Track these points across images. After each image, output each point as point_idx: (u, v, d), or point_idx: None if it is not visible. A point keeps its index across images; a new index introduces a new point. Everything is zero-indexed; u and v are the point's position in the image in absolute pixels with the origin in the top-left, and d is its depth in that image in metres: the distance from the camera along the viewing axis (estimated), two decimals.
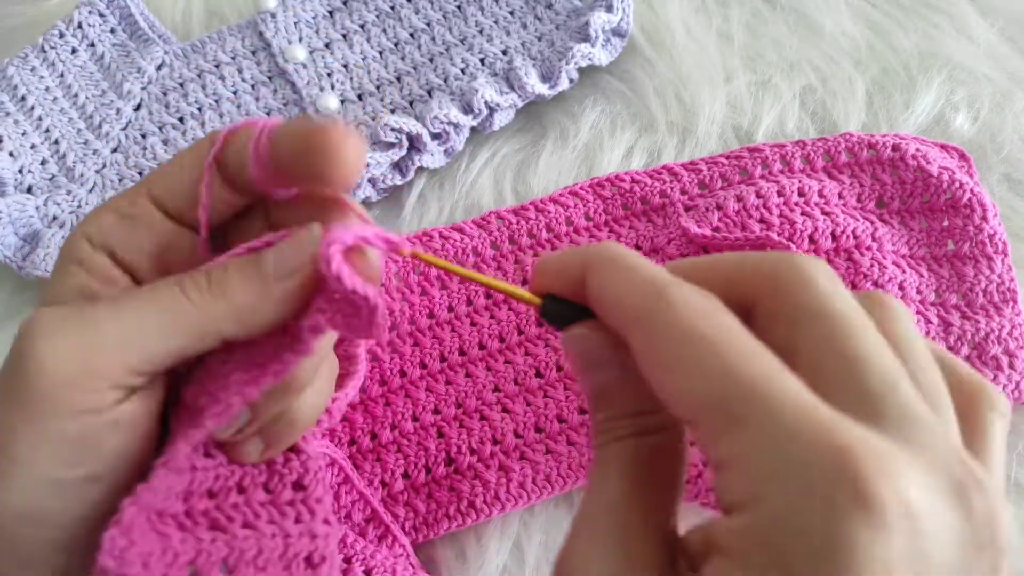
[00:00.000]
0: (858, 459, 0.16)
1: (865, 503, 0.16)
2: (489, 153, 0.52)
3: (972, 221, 0.44)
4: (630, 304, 0.21)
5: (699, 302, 0.20)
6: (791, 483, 0.17)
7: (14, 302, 0.49)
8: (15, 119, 0.52)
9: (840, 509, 0.16)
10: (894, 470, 0.17)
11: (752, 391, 0.18)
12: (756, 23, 0.55)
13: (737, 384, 0.18)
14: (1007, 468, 0.40)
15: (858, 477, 0.16)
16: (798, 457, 0.17)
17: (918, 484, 0.17)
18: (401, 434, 0.42)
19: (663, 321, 0.20)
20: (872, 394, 0.18)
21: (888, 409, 0.18)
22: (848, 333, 0.19)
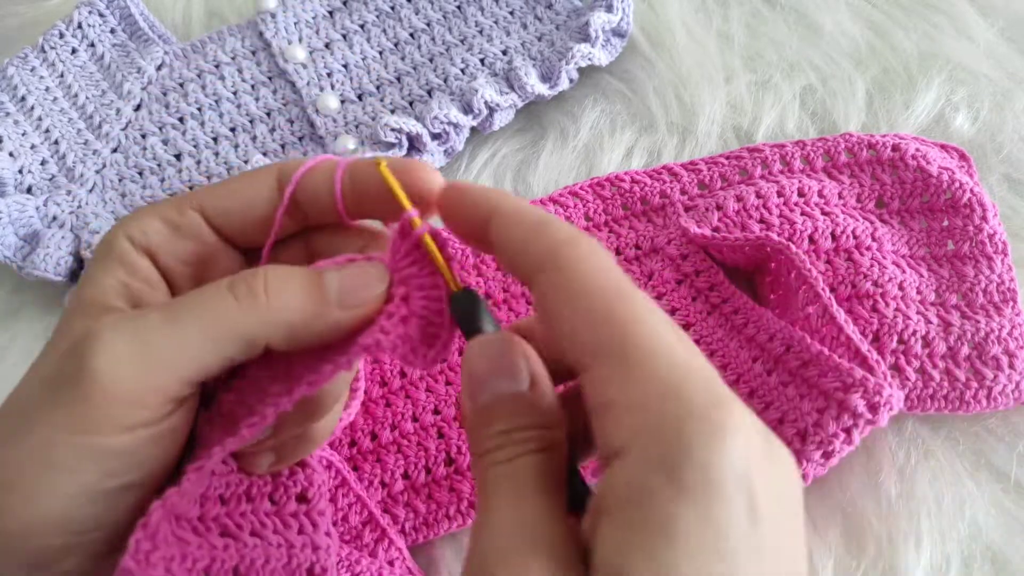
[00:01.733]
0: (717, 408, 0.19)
1: (713, 421, 0.19)
2: (489, 153, 0.52)
3: (972, 221, 0.44)
4: (536, 253, 0.22)
5: (601, 254, 0.22)
6: (659, 419, 0.19)
7: (14, 302, 0.49)
8: (15, 119, 0.52)
9: (692, 424, 0.19)
10: (741, 420, 0.19)
11: (644, 340, 0.20)
12: (756, 23, 0.55)
13: (632, 331, 0.20)
14: (1008, 468, 0.40)
15: (712, 406, 0.19)
16: (662, 394, 0.19)
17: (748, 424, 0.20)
18: (401, 434, 0.42)
19: (569, 270, 0.21)
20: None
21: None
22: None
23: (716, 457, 0.18)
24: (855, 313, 0.41)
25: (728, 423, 0.19)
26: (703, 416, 0.19)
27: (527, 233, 0.22)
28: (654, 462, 0.18)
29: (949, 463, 0.40)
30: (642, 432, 0.19)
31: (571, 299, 0.21)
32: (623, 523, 0.19)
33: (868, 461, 0.40)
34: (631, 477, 0.19)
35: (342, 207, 0.26)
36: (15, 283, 0.50)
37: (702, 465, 0.18)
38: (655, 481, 0.18)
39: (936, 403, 0.40)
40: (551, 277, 0.21)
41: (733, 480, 0.18)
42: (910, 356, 0.41)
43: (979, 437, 0.41)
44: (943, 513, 0.39)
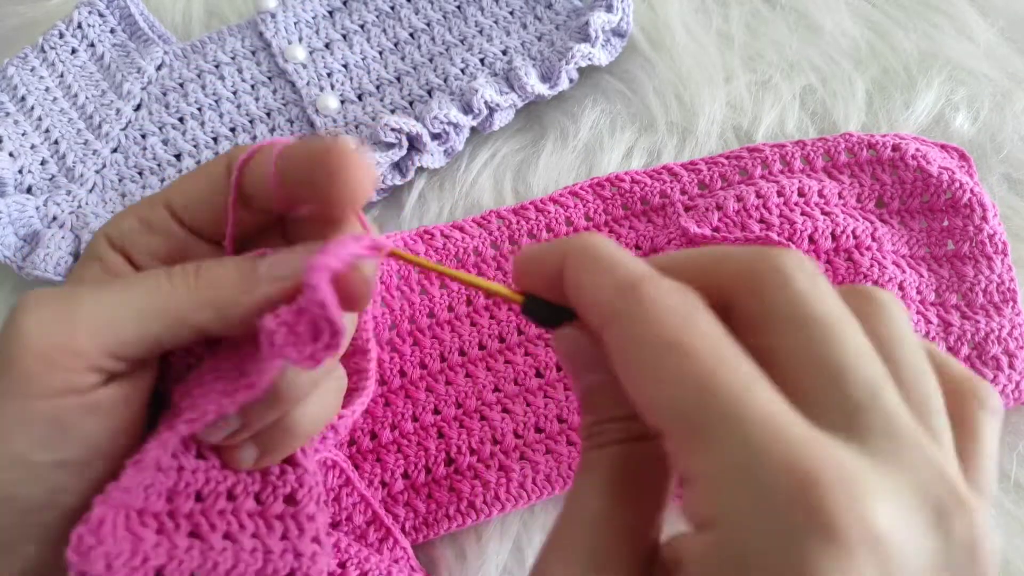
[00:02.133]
0: (821, 483, 0.16)
1: (826, 530, 0.15)
2: (489, 153, 0.52)
3: (972, 221, 0.44)
4: (603, 301, 0.19)
5: (675, 300, 0.19)
6: (755, 506, 0.16)
7: (14, 302, 0.49)
8: (15, 119, 0.51)
9: (801, 536, 0.16)
10: (860, 493, 0.16)
11: (724, 404, 0.17)
12: (756, 23, 0.55)
13: (708, 395, 0.17)
14: (1008, 468, 0.40)
15: (820, 502, 0.16)
16: (763, 479, 0.16)
17: (889, 507, 0.16)
18: (401, 434, 0.42)
19: (636, 321, 0.18)
20: (852, 406, 0.17)
21: (869, 422, 0.17)
22: (828, 339, 0.18)
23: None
24: None
25: (852, 530, 0.15)
26: (816, 520, 0.16)
27: (595, 275, 0.20)
28: (754, 557, 0.16)
29: None
30: (733, 518, 0.17)
31: (649, 354, 0.18)
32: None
33: None
34: (726, 560, 0.17)
35: (276, 194, 0.25)
36: (15, 283, 0.50)
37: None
38: (756, 572, 0.16)
39: None
40: (624, 326, 0.19)
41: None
42: None
43: None
44: None
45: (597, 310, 0.20)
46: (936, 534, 0.17)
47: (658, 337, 0.18)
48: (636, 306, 0.19)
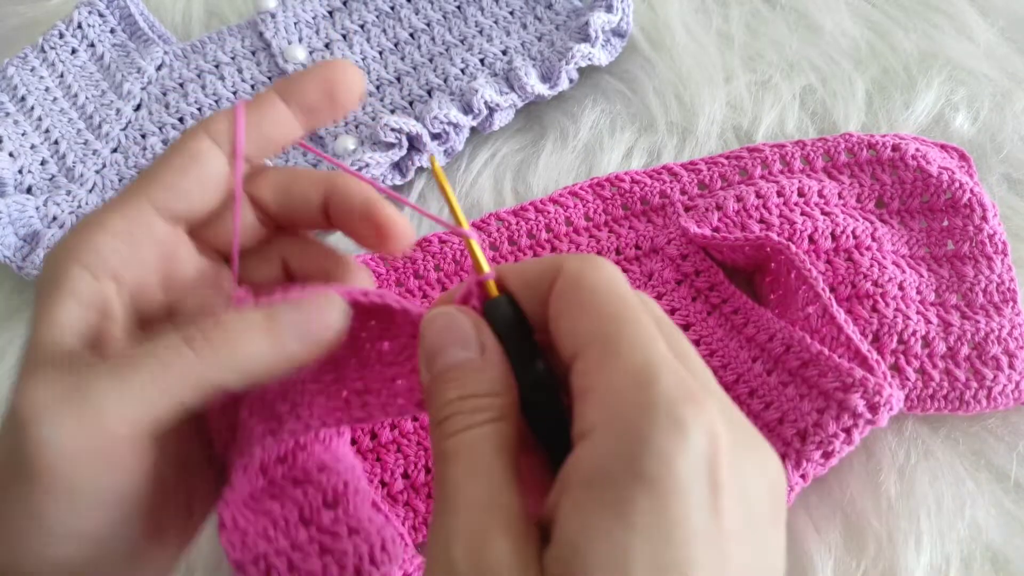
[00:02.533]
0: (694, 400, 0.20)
1: (672, 417, 0.19)
2: (489, 153, 0.52)
3: (972, 221, 0.44)
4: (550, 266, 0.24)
5: (609, 268, 0.23)
6: (637, 407, 0.20)
7: (14, 302, 0.49)
8: (15, 119, 0.52)
9: (656, 423, 0.19)
10: (706, 413, 0.20)
11: (625, 330, 0.21)
12: (756, 23, 0.55)
13: (616, 324, 0.21)
14: (1008, 468, 0.40)
15: (680, 410, 0.19)
16: (629, 390, 0.20)
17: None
18: (401, 434, 0.42)
19: (576, 277, 0.23)
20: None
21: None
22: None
23: (675, 450, 0.19)
24: (855, 313, 0.41)
25: (691, 418, 0.19)
26: (668, 409, 0.19)
27: (543, 261, 0.24)
28: (616, 447, 0.19)
29: (949, 463, 0.40)
30: (610, 418, 0.20)
31: (580, 299, 0.22)
32: (584, 502, 0.19)
33: (868, 461, 0.40)
34: (594, 459, 0.20)
35: (240, 149, 0.26)
36: (15, 283, 0.50)
37: (661, 456, 0.19)
38: (616, 466, 0.19)
39: (936, 403, 0.40)
40: (566, 280, 0.23)
41: (690, 473, 0.19)
42: (910, 356, 0.41)
43: (979, 437, 0.41)
44: (943, 513, 0.39)
45: (549, 269, 0.24)
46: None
47: (595, 285, 0.22)
48: (577, 268, 0.23)
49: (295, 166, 0.29)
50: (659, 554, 0.18)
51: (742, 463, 0.20)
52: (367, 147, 0.49)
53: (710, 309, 0.44)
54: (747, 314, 0.42)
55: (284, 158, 0.51)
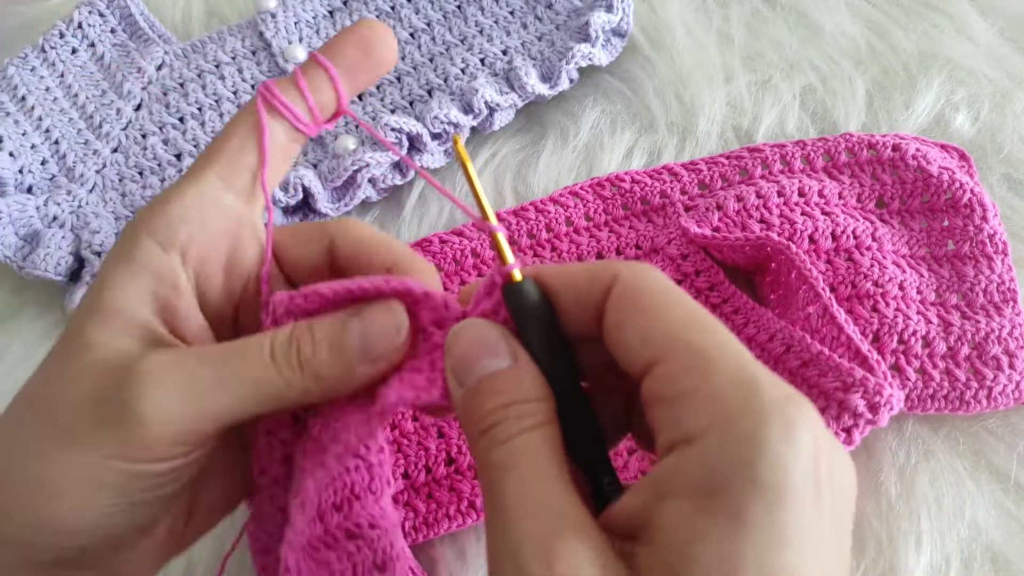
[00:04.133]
0: (797, 403, 0.20)
1: (787, 430, 0.19)
2: (489, 153, 0.52)
3: (972, 221, 0.44)
4: (608, 269, 0.23)
5: (664, 278, 0.23)
6: (742, 415, 0.19)
7: (14, 302, 0.49)
8: (15, 119, 0.52)
9: (768, 426, 0.19)
10: (810, 415, 0.20)
11: (713, 338, 0.21)
12: (756, 23, 0.55)
13: (703, 332, 0.21)
14: (1008, 468, 0.40)
15: (791, 415, 0.19)
16: (733, 400, 0.20)
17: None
18: (401, 434, 0.42)
19: (641, 281, 0.23)
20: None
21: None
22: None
23: (790, 454, 0.19)
24: (855, 313, 0.41)
25: (800, 420, 0.19)
26: (778, 411, 0.19)
27: (587, 267, 0.24)
28: (729, 452, 0.19)
29: (949, 463, 0.40)
30: (718, 421, 0.20)
31: (645, 306, 0.22)
32: (693, 508, 0.19)
33: (868, 461, 0.40)
34: (705, 464, 0.19)
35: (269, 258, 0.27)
36: (15, 283, 0.50)
37: (776, 461, 0.19)
38: (728, 471, 0.19)
39: (936, 403, 0.40)
40: (621, 291, 0.23)
41: (803, 476, 0.19)
42: (910, 356, 0.41)
43: (979, 437, 0.41)
44: (943, 513, 0.39)
45: (599, 278, 0.23)
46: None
47: (664, 293, 0.22)
48: (640, 272, 0.23)
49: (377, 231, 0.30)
50: (771, 559, 0.18)
51: (833, 461, 0.20)
52: (367, 147, 0.49)
53: (710, 309, 0.44)
54: (747, 314, 0.42)
55: None
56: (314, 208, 0.49)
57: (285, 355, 0.24)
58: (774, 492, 0.18)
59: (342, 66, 0.27)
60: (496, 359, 0.23)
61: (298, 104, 0.27)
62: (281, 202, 0.48)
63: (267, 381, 0.24)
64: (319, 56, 0.27)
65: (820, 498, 0.19)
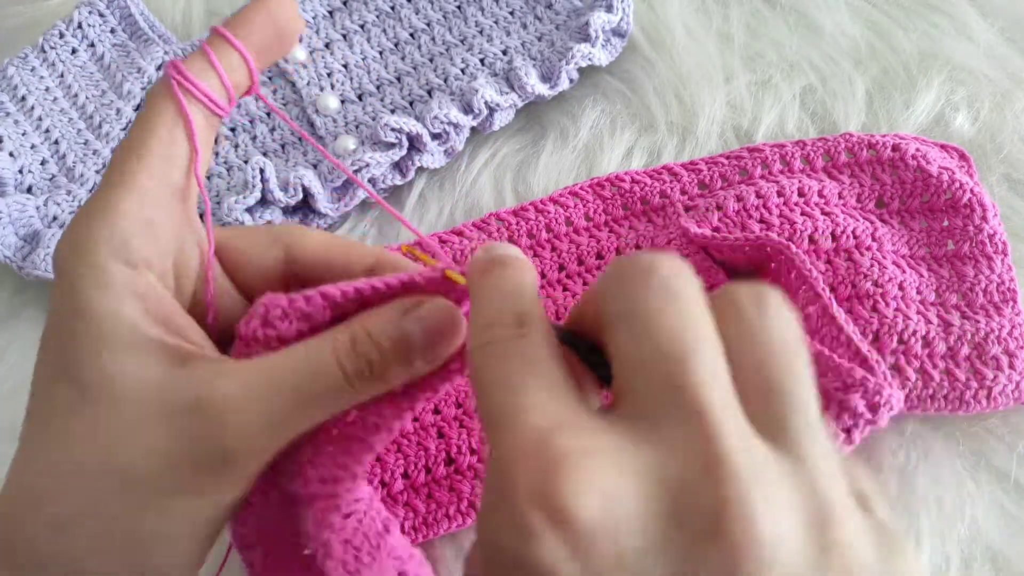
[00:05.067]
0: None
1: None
2: (489, 153, 0.52)
3: (972, 221, 0.44)
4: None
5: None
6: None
7: (14, 302, 0.49)
8: (15, 119, 0.52)
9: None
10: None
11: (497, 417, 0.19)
12: (756, 23, 0.55)
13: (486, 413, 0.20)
14: (1008, 468, 0.40)
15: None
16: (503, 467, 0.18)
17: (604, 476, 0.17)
18: (401, 434, 0.42)
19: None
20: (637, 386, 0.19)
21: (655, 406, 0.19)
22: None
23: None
24: (855, 313, 0.41)
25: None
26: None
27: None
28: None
29: (949, 463, 0.40)
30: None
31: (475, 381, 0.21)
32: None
33: (868, 461, 0.40)
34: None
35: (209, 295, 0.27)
36: (15, 283, 0.50)
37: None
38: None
39: (936, 403, 0.40)
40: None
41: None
42: (910, 356, 0.41)
43: (979, 437, 0.41)
44: (943, 513, 0.39)
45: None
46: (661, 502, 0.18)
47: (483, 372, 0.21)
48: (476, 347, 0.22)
49: (346, 239, 0.29)
50: None
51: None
52: (367, 147, 0.49)
53: None
54: None
55: (279, 145, 0.51)
56: (314, 208, 0.49)
57: (351, 361, 0.24)
58: None
59: (252, 43, 0.26)
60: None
61: (210, 84, 0.26)
62: (281, 202, 0.48)
63: (339, 395, 0.24)
64: (228, 35, 0.26)
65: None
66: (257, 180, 0.47)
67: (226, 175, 0.51)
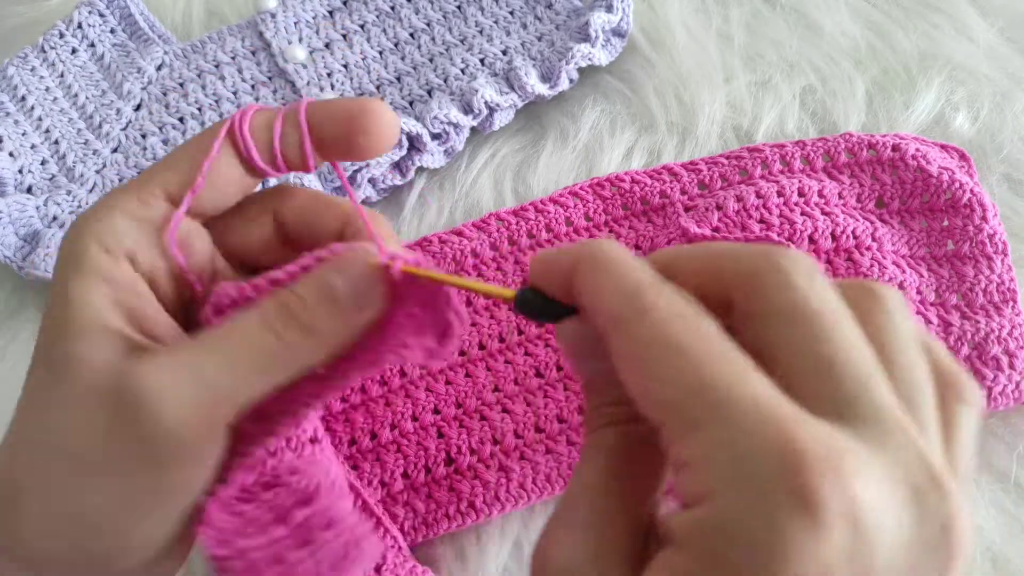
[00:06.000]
0: (803, 456, 0.17)
1: (804, 501, 0.16)
2: (489, 153, 0.52)
3: (972, 221, 0.44)
4: (609, 306, 0.20)
5: (677, 307, 0.20)
6: (742, 481, 0.17)
7: (14, 302, 0.49)
8: (15, 119, 0.52)
9: (780, 506, 0.16)
10: (841, 468, 0.17)
11: (716, 392, 0.18)
12: (756, 23, 0.55)
13: (701, 387, 0.18)
14: (1008, 468, 0.40)
15: (800, 474, 0.16)
16: (750, 455, 0.17)
17: (870, 485, 0.17)
18: (401, 434, 0.42)
19: (640, 326, 0.20)
20: (842, 396, 0.18)
21: (858, 410, 0.18)
22: (821, 334, 0.19)
23: (817, 549, 0.16)
24: None
25: (827, 496, 0.16)
26: (795, 491, 0.16)
27: (603, 281, 0.21)
28: (737, 528, 0.17)
29: None
30: (730, 482, 0.18)
31: (651, 356, 0.19)
32: (686, 559, 0.18)
33: None
34: (712, 533, 0.18)
35: (304, 148, 0.27)
36: (15, 283, 0.50)
37: (794, 555, 0.16)
38: (737, 556, 0.17)
39: None
40: (628, 330, 0.20)
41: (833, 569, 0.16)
42: None
43: (979, 437, 0.41)
44: None
45: (604, 314, 0.21)
46: (912, 512, 0.18)
47: (659, 340, 0.19)
48: (640, 312, 0.20)
49: (319, 192, 0.29)
50: None
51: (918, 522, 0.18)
52: None
53: None
54: None
55: None
56: None
57: (280, 319, 0.24)
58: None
59: (322, 134, 0.26)
60: (593, 360, 0.23)
61: (261, 142, 0.26)
62: None
63: (269, 349, 0.24)
64: (301, 114, 0.27)
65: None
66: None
67: None
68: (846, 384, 0.19)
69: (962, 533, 0.18)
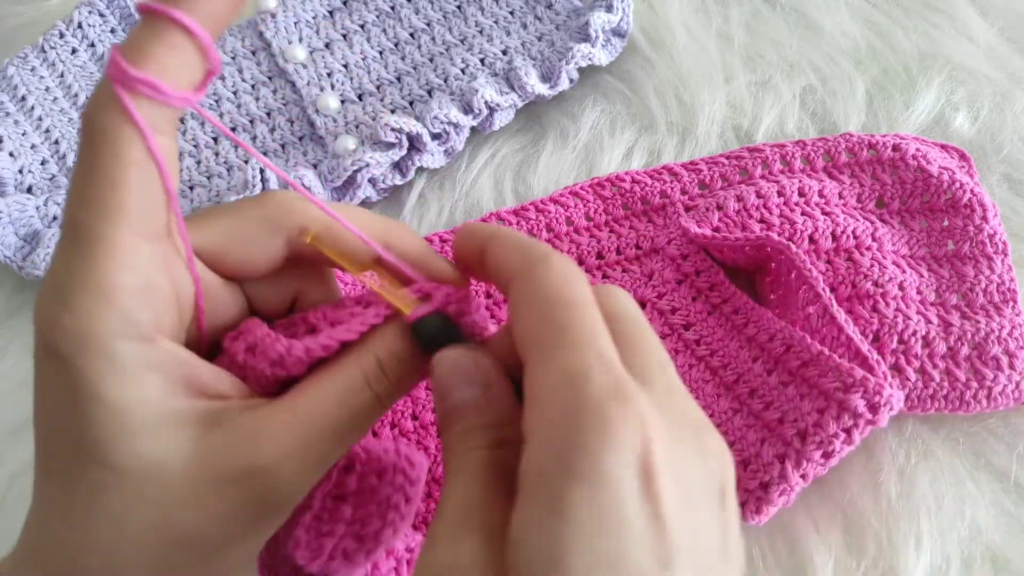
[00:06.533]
0: (625, 398, 0.21)
1: (604, 426, 0.20)
2: (489, 153, 0.52)
3: (972, 221, 0.44)
4: (512, 262, 0.25)
5: (567, 268, 0.24)
6: (561, 416, 0.21)
7: (14, 302, 0.49)
8: (15, 119, 0.52)
9: (585, 423, 0.20)
10: (633, 399, 0.21)
11: (568, 333, 0.22)
12: (756, 23, 0.55)
13: (561, 327, 0.22)
14: (1008, 468, 0.40)
15: (605, 403, 0.20)
16: (580, 389, 0.21)
17: (654, 417, 0.21)
18: (401, 433, 0.42)
19: (529, 276, 0.24)
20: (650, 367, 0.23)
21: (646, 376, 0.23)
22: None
23: (603, 447, 0.20)
24: (855, 313, 0.41)
25: (618, 416, 0.20)
26: (596, 408, 0.20)
27: (510, 251, 0.25)
28: (551, 448, 0.21)
29: (949, 463, 0.40)
30: (544, 420, 0.21)
31: (529, 303, 0.23)
32: (525, 503, 0.21)
33: (868, 461, 0.40)
34: (533, 460, 0.21)
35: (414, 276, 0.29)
36: (15, 283, 0.50)
37: (589, 454, 0.20)
38: (550, 465, 0.20)
39: (936, 403, 0.40)
40: (519, 284, 0.24)
41: (619, 466, 0.20)
42: (910, 356, 0.41)
43: (979, 437, 0.41)
44: (943, 513, 0.39)
45: (507, 270, 0.25)
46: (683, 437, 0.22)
47: (549, 291, 0.23)
48: (537, 269, 0.24)
49: (349, 205, 0.29)
50: (594, 544, 0.19)
51: (678, 453, 0.21)
52: (367, 147, 0.49)
53: (711, 309, 0.44)
54: (748, 314, 0.42)
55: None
56: None
57: (385, 388, 0.26)
58: (591, 482, 0.19)
59: (201, 14, 0.22)
60: (469, 387, 0.25)
61: (160, 71, 0.21)
62: None
63: (372, 416, 0.26)
64: (172, 12, 0.21)
65: (651, 486, 0.20)
66: (257, 180, 0.47)
67: (226, 175, 0.51)
68: (655, 355, 0.24)
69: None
